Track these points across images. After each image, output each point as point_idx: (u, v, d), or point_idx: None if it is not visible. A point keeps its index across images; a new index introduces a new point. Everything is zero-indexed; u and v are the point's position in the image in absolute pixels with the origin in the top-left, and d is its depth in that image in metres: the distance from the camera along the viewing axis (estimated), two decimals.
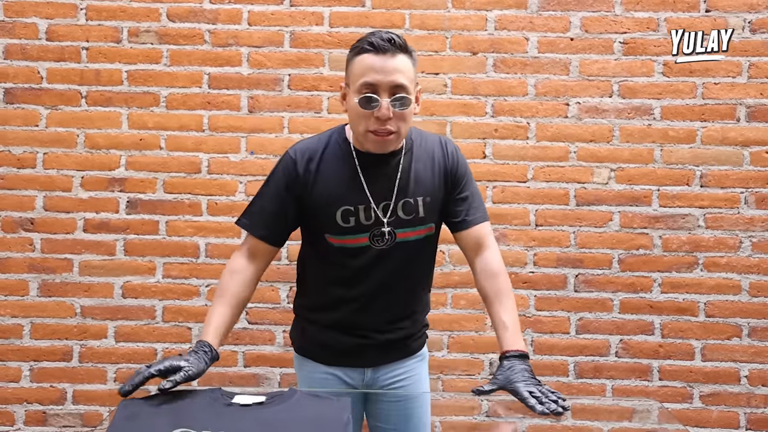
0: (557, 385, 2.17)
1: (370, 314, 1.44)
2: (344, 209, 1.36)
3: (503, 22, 2.19)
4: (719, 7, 2.16)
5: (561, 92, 2.19)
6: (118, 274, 2.19)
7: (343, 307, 1.44)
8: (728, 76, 2.16)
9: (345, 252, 1.39)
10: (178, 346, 2.19)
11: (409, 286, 1.47)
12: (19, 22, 2.19)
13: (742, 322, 2.16)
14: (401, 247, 1.39)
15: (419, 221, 1.39)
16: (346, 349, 1.45)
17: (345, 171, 1.37)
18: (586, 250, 2.19)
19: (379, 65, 1.25)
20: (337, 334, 1.45)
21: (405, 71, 1.27)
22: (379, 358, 1.48)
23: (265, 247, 1.41)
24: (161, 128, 2.20)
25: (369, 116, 1.27)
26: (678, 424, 1.55)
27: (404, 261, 1.41)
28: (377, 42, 1.25)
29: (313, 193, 1.37)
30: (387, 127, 1.27)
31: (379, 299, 1.42)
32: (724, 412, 2.16)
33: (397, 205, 1.37)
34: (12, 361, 2.19)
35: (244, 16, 2.20)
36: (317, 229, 1.41)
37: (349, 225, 1.36)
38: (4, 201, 2.19)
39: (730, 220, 2.17)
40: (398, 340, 1.49)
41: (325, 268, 1.45)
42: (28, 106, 2.19)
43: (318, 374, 1.48)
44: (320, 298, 1.47)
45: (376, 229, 1.37)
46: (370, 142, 1.31)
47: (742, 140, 2.17)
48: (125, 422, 1.07)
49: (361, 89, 1.26)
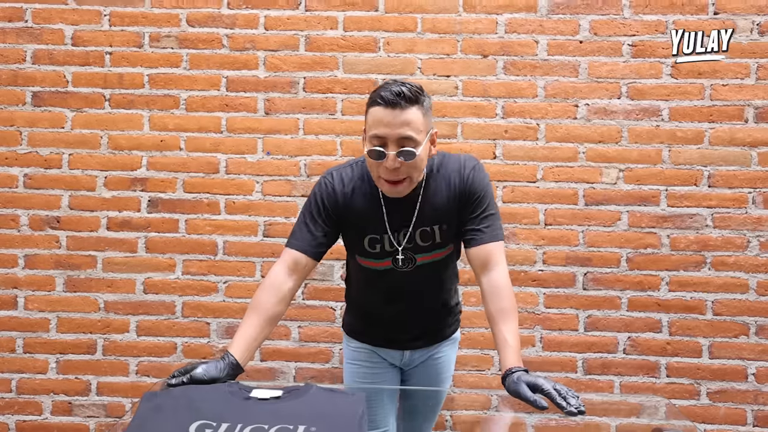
0: (566, 381, 2.16)
1: (406, 317, 1.56)
2: (371, 237, 1.44)
3: (513, 26, 2.18)
4: (727, 10, 2.13)
5: (570, 94, 2.18)
6: (139, 270, 2.22)
7: (380, 307, 1.57)
8: (736, 77, 2.13)
9: (373, 272, 1.49)
10: (197, 341, 2.21)
11: (437, 294, 1.57)
12: (47, 28, 2.22)
13: (750, 320, 2.14)
14: (423, 268, 1.47)
15: (437, 246, 1.46)
16: (386, 337, 1.60)
17: (372, 204, 1.42)
18: (594, 248, 2.17)
19: (387, 119, 1.28)
20: (378, 324, 1.59)
21: (413, 123, 1.28)
22: (416, 345, 1.61)
23: (304, 260, 1.42)
24: (181, 130, 2.22)
25: (380, 165, 1.31)
26: (686, 420, 1.54)
27: (428, 278, 1.50)
28: (387, 96, 1.27)
29: (347, 217, 1.44)
30: (395, 177, 1.31)
31: (411, 306, 1.54)
32: (732, 409, 2.14)
33: (415, 234, 1.43)
34: (39, 354, 2.22)
35: (260, 21, 2.21)
36: (349, 248, 1.53)
37: (374, 251, 1.45)
38: (31, 200, 2.22)
39: (737, 220, 2.14)
40: (434, 330, 1.63)
41: (363, 276, 1.55)
42: (54, 108, 2.22)
43: (360, 350, 1.63)
44: (361, 299, 1.63)
45: (398, 254, 1.44)
46: (383, 188, 1.36)
47: (750, 141, 2.14)
48: (149, 413, 1.09)
49: (372, 141, 1.30)
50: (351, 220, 1.44)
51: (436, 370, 1.66)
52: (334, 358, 2.20)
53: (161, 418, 1.06)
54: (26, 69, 2.22)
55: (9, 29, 2.22)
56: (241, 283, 2.21)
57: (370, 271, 1.50)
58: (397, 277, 1.47)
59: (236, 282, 2.21)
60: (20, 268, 2.22)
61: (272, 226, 2.21)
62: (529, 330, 2.18)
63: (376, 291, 1.54)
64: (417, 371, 1.65)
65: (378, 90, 1.31)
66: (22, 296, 2.22)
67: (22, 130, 2.22)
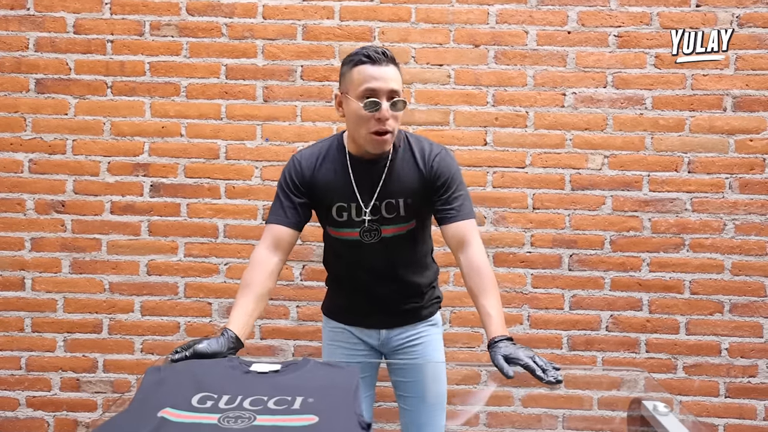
0: (552, 356, 2.18)
1: (378, 293, 1.54)
2: (339, 205, 1.46)
3: (504, 16, 2.17)
4: (709, 2, 2.12)
5: (558, 83, 2.17)
6: (143, 253, 2.21)
7: (354, 283, 1.56)
8: (716, 68, 2.13)
9: (343, 243, 1.51)
10: (199, 320, 2.22)
11: (405, 271, 1.54)
12: (49, 16, 2.18)
13: (724, 299, 2.16)
14: (387, 241, 1.47)
15: (401, 219, 1.46)
16: (361, 314, 1.58)
17: (340, 172, 1.45)
18: (580, 231, 2.19)
19: (378, 74, 1.33)
20: (354, 301, 1.58)
21: (397, 79, 1.35)
22: (391, 322, 1.59)
23: (284, 233, 1.44)
24: (182, 116, 2.20)
25: (370, 119, 1.34)
26: (663, 392, 1.56)
27: (393, 252, 1.49)
28: (373, 54, 1.33)
29: (315, 190, 1.46)
30: (385, 127, 1.34)
31: (382, 282, 1.52)
32: (706, 382, 2.17)
33: (381, 205, 1.44)
34: (48, 333, 2.22)
35: (259, 11, 2.18)
36: (321, 220, 1.54)
37: (342, 219, 1.46)
38: (37, 185, 2.20)
39: (715, 204, 2.16)
40: (408, 310, 1.59)
41: (336, 250, 1.57)
42: (57, 95, 2.19)
43: (338, 330, 1.62)
44: (337, 271, 1.62)
45: (364, 224, 1.45)
46: (370, 144, 1.37)
47: (728, 129, 2.15)
48: (153, 386, 1.08)
49: (364, 94, 1.33)
50: (320, 189, 1.45)
51: (421, 351, 1.58)
52: None
53: (164, 391, 1.06)
54: (29, 56, 2.18)
55: (11, 17, 2.18)
56: (241, 264, 2.21)
57: (340, 243, 1.51)
58: (365, 250, 1.47)
59: (236, 264, 2.21)
60: (27, 250, 2.21)
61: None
62: (517, 309, 2.20)
63: (348, 265, 1.55)
64: (400, 357, 1.60)
65: (357, 52, 1.35)
66: (29, 278, 2.21)
67: (26, 117, 2.20)
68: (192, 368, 1.15)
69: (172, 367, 1.16)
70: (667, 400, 1.36)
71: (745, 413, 2.16)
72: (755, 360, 2.16)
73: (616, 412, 1.86)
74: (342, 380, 1.14)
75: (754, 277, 2.15)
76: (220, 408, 1.01)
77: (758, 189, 2.14)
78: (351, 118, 1.38)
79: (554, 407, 2.18)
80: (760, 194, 2.14)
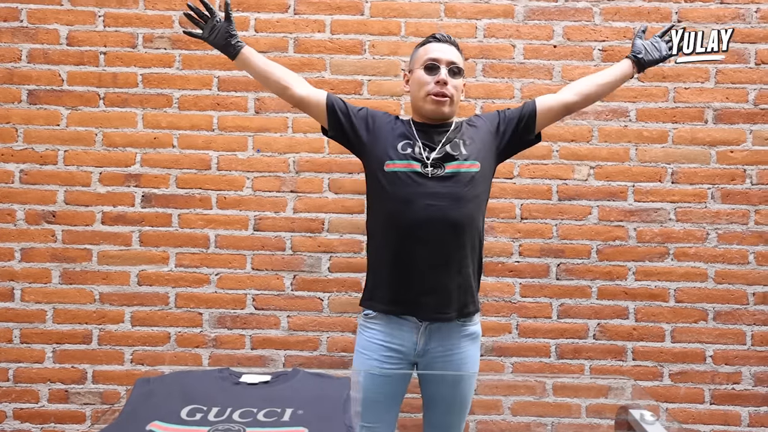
0: (540, 365, 2.18)
1: (423, 246, 1.47)
2: (404, 142, 1.54)
3: (491, 30, 2.18)
4: (690, 18, 2.15)
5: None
6: (133, 263, 2.18)
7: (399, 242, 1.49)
8: (697, 81, 2.16)
9: (401, 177, 1.49)
10: (189, 330, 2.18)
11: (458, 222, 1.49)
12: (42, 28, 2.16)
13: (708, 307, 2.17)
14: (450, 180, 1.49)
15: (463, 157, 1.52)
16: (404, 297, 1.50)
17: (406, 127, 1.58)
18: (567, 241, 2.19)
19: (440, 48, 1.56)
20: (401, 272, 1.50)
21: (457, 56, 1.58)
22: (432, 300, 1.49)
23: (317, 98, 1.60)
24: (174, 128, 2.18)
25: (430, 82, 1.53)
26: (650, 399, 1.56)
27: (451, 192, 1.48)
28: (439, 36, 1.60)
29: (382, 131, 1.57)
30: (444, 90, 1.52)
31: (431, 230, 1.46)
32: (691, 389, 2.17)
33: (446, 146, 1.53)
34: (36, 344, 2.17)
35: (251, 23, 2.18)
36: (381, 156, 1.53)
37: (406, 152, 1.52)
38: (28, 195, 2.17)
39: (698, 214, 2.17)
40: (451, 290, 1.50)
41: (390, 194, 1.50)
42: (50, 106, 2.17)
43: (375, 340, 1.54)
44: (384, 237, 1.54)
45: (426, 160, 1.50)
46: (429, 104, 1.54)
47: (710, 140, 2.17)
48: (142, 398, 1.06)
49: (426, 62, 1.54)
50: (384, 129, 1.57)
51: (456, 366, 1.53)
52: (321, 346, 2.18)
53: (153, 403, 1.04)
54: (22, 68, 2.16)
55: (5, 29, 2.16)
56: (232, 275, 2.18)
57: (398, 176, 1.49)
58: (422, 184, 1.47)
59: (227, 274, 2.18)
60: (17, 261, 2.17)
61: (262, 220, 2.19)
62: (506, 318, 2.19)
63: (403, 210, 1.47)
64: (435, 367, 1.54)
65: (429, 36, 1.62)
66: (18, 288, 2.17)
67: (18, 127, 2.17)
68: (181, 379, 1.13)
69: (161, 378, 1.14)
70: (653, 407, 1.35)
71: (729, 420, 2.16)
72: (739, 367, 2.16)
73: (603, 419, 1.85)
74: (332, 391, 1.12)
75: (737, 285, 2.16)
76: (209, 420, 0.99)
77: (739, 199, 2.16)
78: (414, 86, 1.57)
79: (543, 415, 2.16)
80: (741, 204, 2.16)
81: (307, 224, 2.18)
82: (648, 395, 1.99)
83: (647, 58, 1.62)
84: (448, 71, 1.52)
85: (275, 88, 1.63)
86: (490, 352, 2.17)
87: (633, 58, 1.63)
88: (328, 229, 2.18)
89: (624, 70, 1.64)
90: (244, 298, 2.18)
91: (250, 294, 2.18)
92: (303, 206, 2.19)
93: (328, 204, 2.18)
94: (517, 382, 2.22)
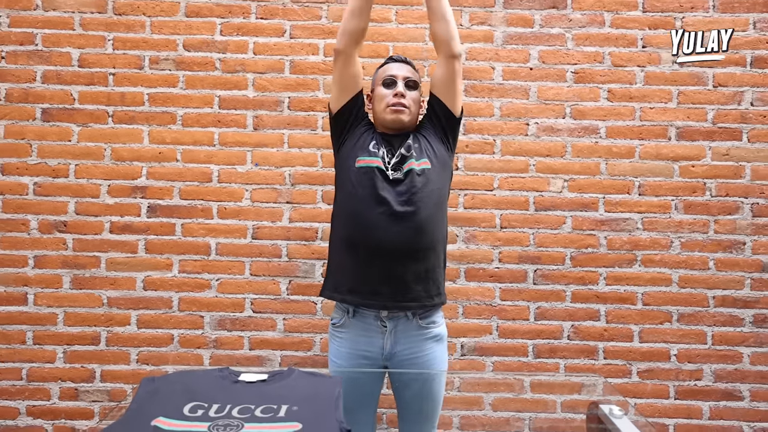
0: (518, 364, 2.20)
1: (390, 233, 1.47)
2: (374, 143, 1.59)
3: (473, 54, 2.23)
4: (653, 44, 2.21)
5: (522, 114, 2.23)
6: (139, 269, 2.20)
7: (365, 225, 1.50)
8: (661, 101, 2.21)
9: (365, 178, 1.52)
10: (192, 332, 2.20)
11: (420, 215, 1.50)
12: (55, 51, 2.19)
13: (673, 309, 2.21)
14: (410, 176, 1.53)
15: (415, 158, 1.56)
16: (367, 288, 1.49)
17: (373, 134, 1.63)
18: (543, 248, 2.22)
19: (397, 67, 1.65)
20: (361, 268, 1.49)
21: (413, 72, 1.66)
22: (399, 296, 1.49)
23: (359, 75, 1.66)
24: (178, 143, 2.21)
25: (389, 95, 1.60)
26: (619, 395, 1.59)
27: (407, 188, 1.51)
28: (396, 56, 1.69)
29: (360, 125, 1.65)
30: (401, 101, 1.59)
31: (396, 220, 1.48)
32: (657, 385, 2.20)
33: (401, 149, 1.58)
34: (48, 345, 2.19)
35: (250, 47, 2.22)
36: (352, 151, 1.59)
37: (374, 151, 1.57)
38: (41, 206, 2.19)
39: (662, 224, 2.22)
40: (415, 284, 1.49)
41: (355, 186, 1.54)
42: (62, 123, 2.20)
43: (344, 346, 1.54)
44: (349, 224, 1.54)
45: (387, 160, 1.56)
46: (389, 114, 1.60)
47: (673, 156, 2.22)
48: (147, 396, 1.07)
49: (385, 78, 1.63)
50: (361, 129, 1.63)
51: (423, 367, 1.53)
52: (315, 346, 2.22)
53: (158, 401, 1.05)
54: (36, 88, 2.19)
55: (21, 52, 2.19)
56: (231, 280, 2.21)
57: (363, 177, 1.52)
58: (387, 184, 1.51)
59: (227, 279, 2.21)
60: (30, 267, 2.19)
61: (260, 229, 2.22)
62: (486, 320, 2.22)
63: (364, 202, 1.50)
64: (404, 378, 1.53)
65: (387, 58, 1.70)
66: (31, 293, 2.19)
67: (32, 143, 2.19)
68: (184, 379, 1.14)
69: (165, 377, 1.15)
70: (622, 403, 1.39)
71: (692, 413, 2.20)
72: (701, 365, 2.21)
73: (577, 414, 1.89)
74: (324, 389, 1.13)
75: (698, 289, 2.21)
76: (210, 416, 1.00)
77: (700, 210, 2.21)
78: (376, 101, 1.64)
79: (521, 410, 2.20)
80: (701, 215, 2.21)
81: (301, 233, 2.21)
82: (617, 392, 2.02)
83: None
84: (404, 84, 1.61)
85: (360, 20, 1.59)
86: (472, 352, 2.20)
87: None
88: (322, 238, 2.21)
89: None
90: (243, 302, 2.21)
91: (249, 298, 2.21)
92: (298, 216, 2.22)
93: (322, 214, 2.22)
94: (497, 380, 2.25)
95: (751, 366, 2.19)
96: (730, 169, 2.21)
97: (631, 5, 2.22)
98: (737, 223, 2.20)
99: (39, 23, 2.18)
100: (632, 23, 2.21)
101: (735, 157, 2.21)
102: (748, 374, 2.19)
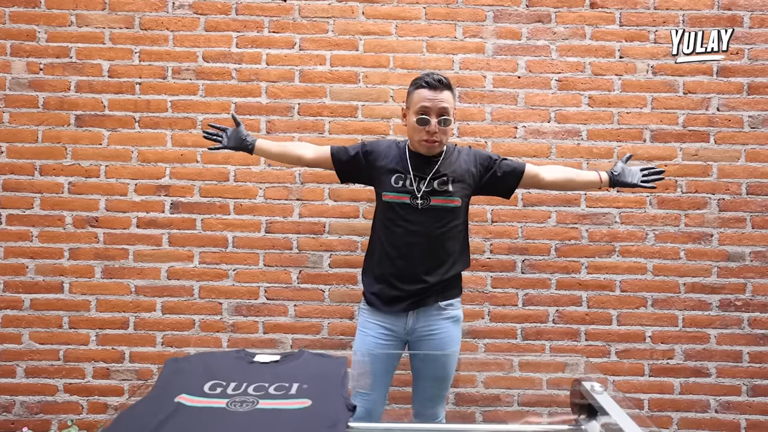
0: (508, 345, 2.20)
1: (411, 260, 1.54)
2: (396, 176, 1.55)
3: (466, 63, 2.21)
4: (630, 55, 2.19)
5: (511, 118, 2.21)
6: (164, 260, 2.19)
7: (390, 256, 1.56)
8: (637, 107, 2.20)
9: (395, 207, 1.54)
10: (211, 318, 2.20)
11: (441, 243, 1.55)
12: (88, 63, 2.18)
13: (647, 295, 2.20)
14: (434, 209, 1.53)
15: (448, 194, 1.54)
16: (391, 297, 1.56)
17: (400, 157, 1.58)
18: (530, 240, 2.21)
19: (431, 96, 1.49)
20: (385, 285, 1.57)
21: (448, 101, 1.50)
22: (418, 302, 1.56)
23: (327, 155, 1.64)
24: (198, 146, 2.20)
25: (422, 130, 1.50)
26: (599, 373, 1.59)
27: (436, 220, 1.54)
28: (430, 81, 1.49)
29: (378, 161, 1.59)
30: (434, 138, 1.50)
31: (417, 247, 1.53)
32: (633, 364, 2.20)
33: (433, 182, 1.54)
34: (82, 329, 2.18)
35: (263, 58, 2.20)
36: (378, 186, 1.59)
37: (398, 186, 1.54)
38: (75, 203, 2.18)
39: (638, 218, 2.21)
40: (433, 285, 1.55)
41: (385, 217, 1.57)
42: (93, 128, 2.18)
43: (373, 322, 1.60)
44: (378, 253, 1.60)
45: (416, 192, 1.53)
46: (422, 147, 1.54)
47: (648, 156, 2.21)
48: (171, 375, 1.08)
49: (419, 112, 1.50)
50: (381, 163, 1.58)
51: (439, 343, 1.57)
52: (323, 330, 2.21)
53: (181, 379, 1.06)
54: (71, 96, 2.17)
55: (57, 64, 2.17)
56: (247, 270, 2.20)
57: (392, 206, 1.54)
58: (413, 212, 1.52)
59: (243, 269, 2.20)
60: (66, 259, 2.18)
61: (272, 224, 2.21)
62: (479, 305, 2.21)
63: (397, 228, 1.53)
64: (422, 344, 1.58)
65: (421, 77, 1.51)
66: (67, 282, 2.18)
67: (67, 147, 2.18)
68: (204, 359, 1.14)
69: (188, 358, 1.16)
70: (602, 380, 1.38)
71: (665, 389, 2.20)
72: (672, 345, 2.20)
73: (561, 390, 1.88)
74: (332, 369, 1.13)
75: (671, 277, 2.20)
76: (228, 394, 1.01)
77: (672, 205, 2.20)
78: (409, 128, 1.55)
79: (511, 387, 2.19)
80: (673, 209, 2.20)
81: (310, 227, 2.20)
82: (597, 370, 2.02)
83: (620, 180, 1.64)
84: (438, 121, 1.49)
85: (291, 161, 1.70)
86: (466, 335, 2.19)
87: (610, 174, 1.65)
88: (329, 231, 2.20)
89: (596, 180, 1.66)
90: (258, 290, 2.20)
91: (263, 286, 2.20)
92: (307, 212, 2.21)
93: (329, 210, 2.20)
94: (488, 360, 2.25)
95: (717, 346, 2.18)
96: (699, 168, 2.19)
97: (610, 20, 2.19)
98: (705, 217, 2.19)
99: (73, 38, 2.17)
100: (610, 36, 2.19)
101: (703, 157, 2.19)
102: (715, 353, 2.18)
